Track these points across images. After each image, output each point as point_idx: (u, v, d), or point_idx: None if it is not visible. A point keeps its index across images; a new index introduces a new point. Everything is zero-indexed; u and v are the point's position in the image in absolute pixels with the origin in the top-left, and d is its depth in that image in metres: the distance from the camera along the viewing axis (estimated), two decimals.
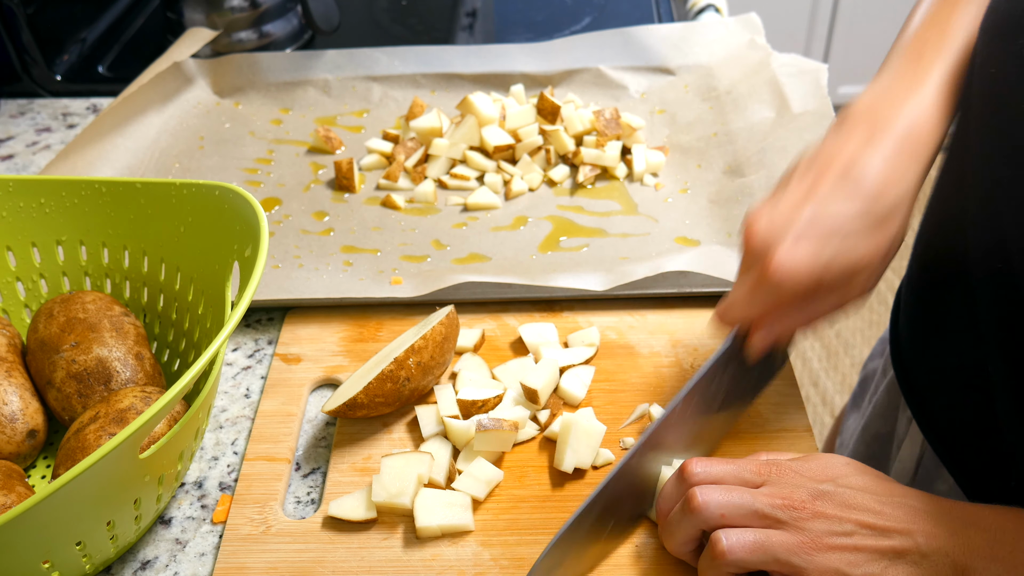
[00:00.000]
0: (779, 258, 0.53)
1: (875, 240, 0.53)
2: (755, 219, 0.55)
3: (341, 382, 0.71)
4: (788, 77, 0.94)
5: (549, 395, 0.66)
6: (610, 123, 0.91)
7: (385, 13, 1.24)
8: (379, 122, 1.00)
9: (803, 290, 0.54)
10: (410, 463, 0.61)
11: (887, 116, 0.55)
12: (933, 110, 0.55)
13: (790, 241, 0.53)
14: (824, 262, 0.53)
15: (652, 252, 0.80)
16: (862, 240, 0.53)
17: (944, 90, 0.56)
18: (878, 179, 0.53)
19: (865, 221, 0.53)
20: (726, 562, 0.50)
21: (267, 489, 0.63)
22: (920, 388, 0.70)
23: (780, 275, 0.53)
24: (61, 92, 1.10)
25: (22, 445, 0.62)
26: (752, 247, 0.55)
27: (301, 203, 0.89)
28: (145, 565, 0.60)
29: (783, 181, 0.57)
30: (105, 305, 0.67)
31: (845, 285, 0.55)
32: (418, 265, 0.80)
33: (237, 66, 1.04)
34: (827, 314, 0.56)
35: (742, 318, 0.57)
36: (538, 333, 0.72)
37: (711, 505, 0.52)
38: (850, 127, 0.56)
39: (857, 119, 0.56)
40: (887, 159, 0.53)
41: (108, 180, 0.68)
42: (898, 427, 0.77)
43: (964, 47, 0.57)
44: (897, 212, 0.54)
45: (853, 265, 0.53)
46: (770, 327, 0.57)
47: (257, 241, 0.59)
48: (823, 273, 0.53)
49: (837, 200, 0.53)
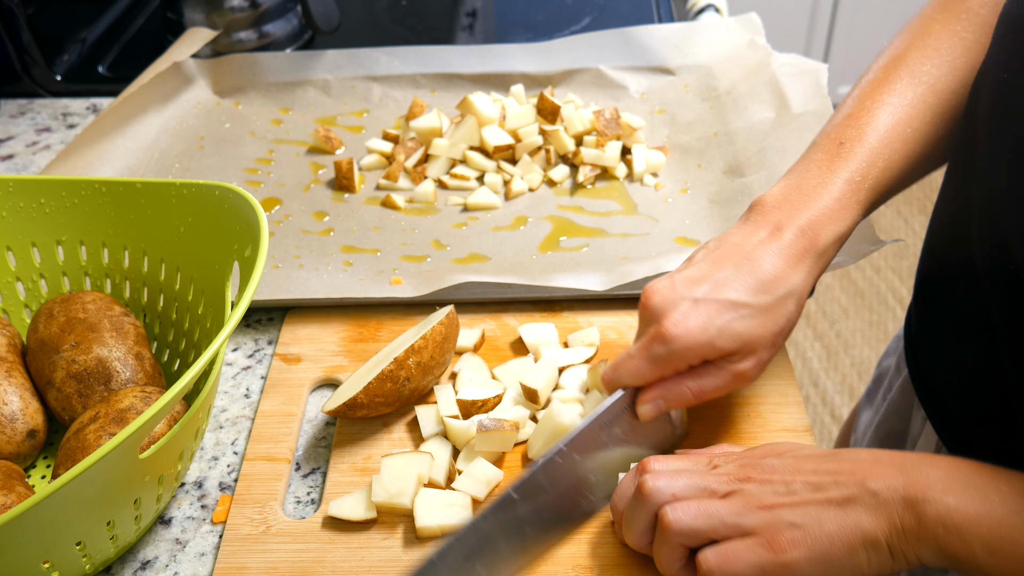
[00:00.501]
0: (675, 317, 0.56)
1: (765, 322, 0.57)
2: (653, 287, 0.58)
3: (341, 382, 0.71)
4: (788, 77, 0.94)
5: (548, 395, 0.66)
6: (610, 123, 0.91)
7: (385, 13, 1.24)
8: (379, 122, 1.00)
9: (694, 354, 0.56)
10: (410, 463, 0.61)
11: (790, 215, 0.59)
12: (834, 213, 0.59)
13: (687, 304, 0.56)
14: (718, 327, 0.56)
15: (652, 252, 0.80)
16: (753, 320, 0.56)
17: (848, 193, 0.60)
18: (771, 271, 0.57)
19: (758, 304, 0.57)
20: (674, 532, 0.51)
21: (267, 489, 0.63)
22: (934, 388, 0.70)
23: (674, 332, 0.56)
24: (61, 92, 1.10)
25: (22, 445, 0.62)
26: (648, 309, 0.58)
27: (301, 203, 0.89)
28: (145, 565, 0.60)
29: (686, 261, 0.60)
30: (105, 305, 0.67)
31: (736, 359, 0.57)
32: (418, 265, 0.80)
33: (237, 66, 1.04)
34: (715, 389, 0.58)
35: (632, 379, 0.58)
36: (538, 333, 0.72)
37: (661, 487, 0.52)
38: (756, 221, 0.60)
39: (764, 215, 0.60)
40: (781, 255, 0.58)
41: (108, 180, 0.68)
42: (912, 425, 0.77)
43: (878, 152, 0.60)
44: (787, 301, 0.58)
45: (745, 338, 0.56)
46: (661, 392, 0.58)
47: (257, 241, 0.59)
48: (716, 337, 0.56)
49: (733, 283, 0.57)
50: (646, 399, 0.59)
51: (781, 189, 0.61)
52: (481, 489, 0.61)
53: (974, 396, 0.64)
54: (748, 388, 0.68)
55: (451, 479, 0.62)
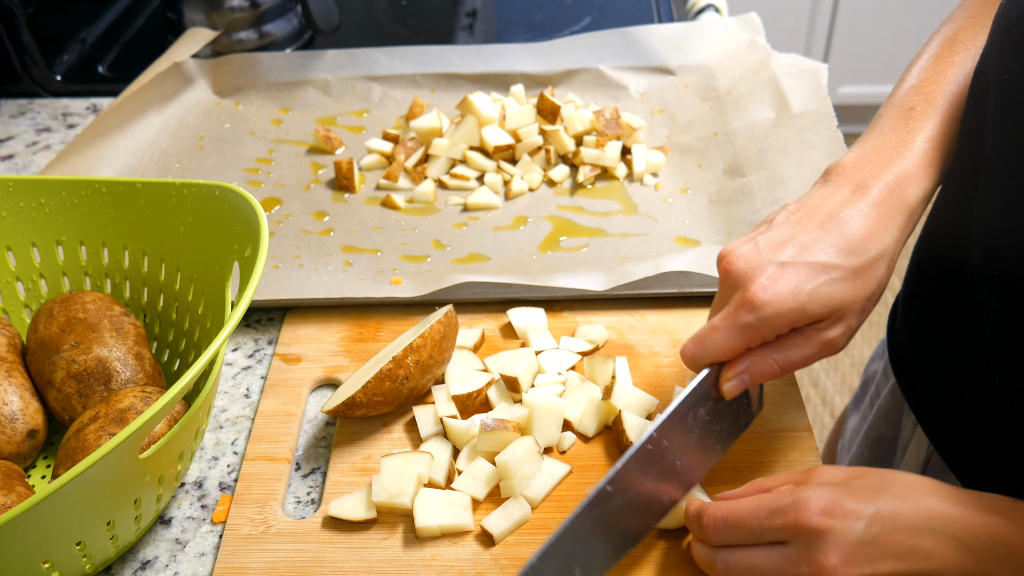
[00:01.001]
0: (762, 282, 0.53)
1: (856, 286, 0.54)
2: (734, 250, 0.55)
3: (341, 382, 0.71)
4: (788, 77, 0.94)
5: (530, 382, 0.67)
6: (610, 123, 0.91)
7: (385, 13, 1.24)
8: (379, 122, 1.00)
9: (784, 320, 0.53)
10: (410, 463, 0.61)
11: (873, 173, 0.56)
12: (918, 169, 0.56)
13: (774, 268, 0.53)
14: (808, 291, 0.52)
15: (652, 252, 0.80)
16: (844, 283, 0.53)
17: (930, 150, 0.57)
18: (861, 231, 0.54)
19: (848, 267, 0.53)
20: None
21: (267, 489, 0.63)
22: (924, 394, 0.69)
23: (763, 297, 0.52)
24: (61, 92, 1.10)
25: (22, 445, 0.62)
26: (732, 275, 0.54)
27: (301, 203, 0.89)
28: (145, 565, 0.60)
29: (763, 222, 0.57)
30: (105, 305, 0.67)
31: (824, 325, 0.54)
32: (418, 265, 0.80)
33: (237, 66, 1.04)
34: (803, 359, 0.55)
35: (717, 352, 0.55)
36: (526, 317, 0.73)
37: None
38: (836, 181, 0.57)
39: (844, 175, 0.57)
40: (870, 214, 0.55)
41: (108, 180, 0.68)
42: (903, 431, 0.77)
43: (951, 106, 0.59)
44: (879, 263, 0.54)
45: (836, 302, 0.53)
46: (748, 366, 0.55)
47: (257, 241, 0.59)
48: (805, 303, 0.52)
49: (821, 244, 0.54)
50: (730, 375, 0.55)
51: (859, 152, 0.58)
52: (481, 489, 0.61)
53: (963, 400, 0.63)
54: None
55: (451, 479, 0.62)
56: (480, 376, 0.68)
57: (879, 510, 0.49)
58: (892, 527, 0.48)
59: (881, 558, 0.48)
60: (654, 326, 0.74)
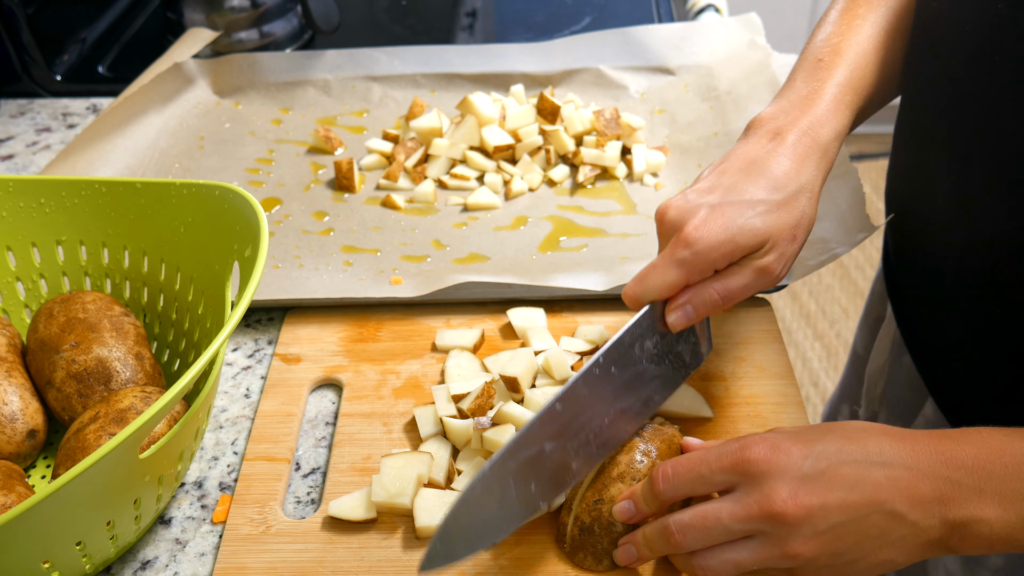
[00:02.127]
0: (695, 222, 0.56)
1: (782, 216, 0.57)
2: (667, 203, 0.59)
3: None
4: None
5: (530, 382, 0.67)
6: (610, 123, 0.91)
7: (385, 13, 1.24)
8: (379, 122, 1.00)
9: (718, 253, 0.56)
10: (410, 463, 0.61)
11: (788, 122, 0.61)
12: (829, 114, 0.62)
13: (705, 210, 0.57)
14: (737, 226, 0.56)
15: (652, 252, 0.80)
16: (770, 215, 0.57)
17: (839, 95, 0.63)
18: (780, 171, 0.59)
19: (772, 200, 0.57)
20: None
21: (267, 489, 0.63)
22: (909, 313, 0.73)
23: (697, 235, 0.55)
24: (61, 92, 1.10)
25: (22, 445, 0.62)
26: (667, 223, 0.58)
27: (301, 203, 0.89)
28: (145, 565, 0.60)
29: (694, 182, 0.61)
30: (105, 305, 0.67)
31: (757, 255, 0.57)
32: (418, 265, 0.80)
33: (237, 66, 1.04)
34: (742, 288, 0.58)
35: (659, 289, 0.57)
36: (526, 317, 0.73)
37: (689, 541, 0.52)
38: (756, 134, 0.62)
39: (762, 126, 0.62)
40: (788, 156, 0.59)
41: (108, 180, 0.68)
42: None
43: (857, 60, 0.65)
44: (800, 196, 0.58)
45: (764, 233, 0.56)
46: (689, 299, 0.58)
47: (257, 241, 0.59)
48: (736, 235, 0.56)
49: (745, 186, 0.58)
50: (674, 306, 0.58)
51: (775, 105, 0.63)
52: None
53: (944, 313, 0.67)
54: (748, 388, 0.68)
55: (451, 479, 0.62)
56: (480, 376, 0.68)
57: (824, 448, 0.50)
58: (838, 461, 0.50)
59: (830, 489, 0.49)
60: None
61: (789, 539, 0.49)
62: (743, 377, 0.69)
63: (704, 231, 0.55)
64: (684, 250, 0.56)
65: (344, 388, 0.70)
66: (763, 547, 0.50)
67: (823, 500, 0.48)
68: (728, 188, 0.58)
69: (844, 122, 0.63)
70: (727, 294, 0.57)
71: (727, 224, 0.56)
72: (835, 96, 0.63)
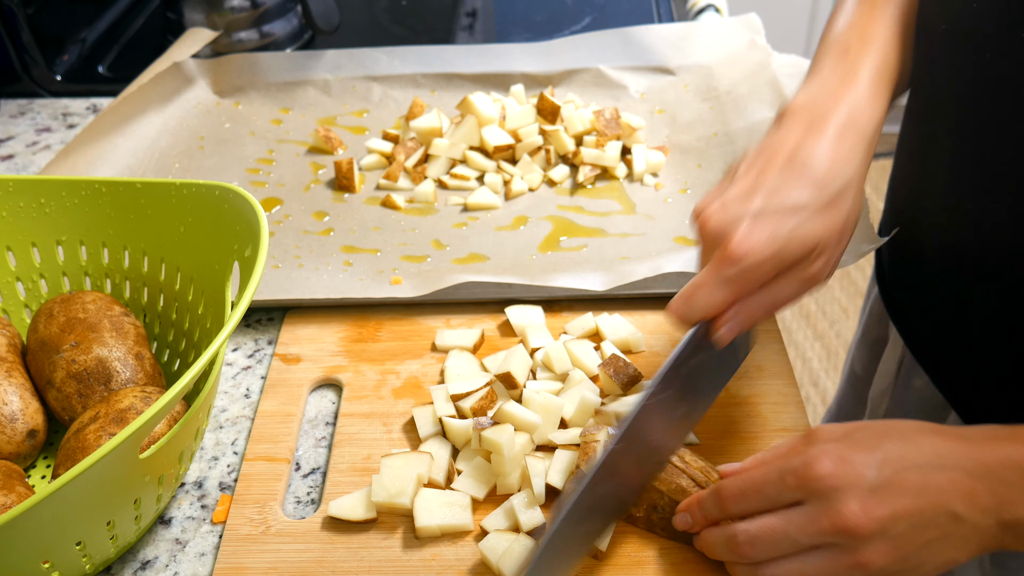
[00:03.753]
0: (740, 236, 0.53)
1: (829, 219, 0.55)
2: (706, 208, 0.56)
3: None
4: (788, 77, 0.94)
5: (526, 376, 0.67)
6: (610, 123, 0.91)
7: (385, 13, 1.24)
8: (379, 122, 1.00)
9: (765, 268, 0.54)
10: (410, 463, 0.61)
11: (825, 108, 0.57)
12: (868, 99, 0.58)
13: (748, 221, 0.53)
14: (784, 237, 0.53)
15: (652, 252, 0.80)
16: (817, 220, 0.54)
17: (875, 80, 0.59)
18: (824, 165, 0.55)
19: (818, 203, 0.54)
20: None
21: (267, 489, 0.63)
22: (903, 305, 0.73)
23: (742, 251, 0.53)
24: (61, 92, 1.10)
25: (22, 445, 0.62)
26: (709, 233, 0.55)
27: (301, 203, 0.89)
28: (145, 565, 0.60)
29: (728, 175, 0.58)
30: (105, 305, 0.67)
31: (805, 264, 0.55)
32: (418, 265, 0.80)
33: (237, 66, 1.04)
34: (790, 298, 0.56)
35: (705, 308, 0.55)
36: (525, 315, 0.73)
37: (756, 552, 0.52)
38: (791, 121, 0.58)
39: (797, 114, 0.58)
40: (831, 145, 0.56)
41: (108, 180, 0.68)
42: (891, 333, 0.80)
43: (884, 47, 0.62)
44: (846, 193, 0.55)
45: (812, 241, 0.54)
46: (736, 315, 0.55)
47: (257, 241, 0.59)
48: (784, 247, 0.53)
49: (787, 185, 0.54)
50: (721, 323, 0.56)
51: (806, 93, 0.59)
52: (480, 489, 0.61)
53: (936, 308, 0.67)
54: (748, 388, 0.68)
55: (451, 479, 0.62)
56: (479, 376, 0.68)
57: (886, 455, 0.50)
58: (901, 467, 0.49)
59: (898, 498, 0.48)
60: (653, 326, 0.74)
61: (860, 550, 0.49)
62: (743, 377, 0.69)
63: (750, 245, 0.53)
64: (730, 268, 0.53)
65: (344, 388, 0.70)
66: (833, 558, 0.50)
67: (893, 510, 0.48)
68: (770, 191, 0.54)
69: (883, 108, 0.59)
70: (775, 306, 0.56)
71: (773, 235, 0.53)
72: (871, 81, 0.59)
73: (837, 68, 0.60)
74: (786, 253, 0.53)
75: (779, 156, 0.56)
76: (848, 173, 0.55)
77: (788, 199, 0.54)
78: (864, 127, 0.57)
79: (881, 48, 0.61)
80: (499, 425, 0.61)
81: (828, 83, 0.59)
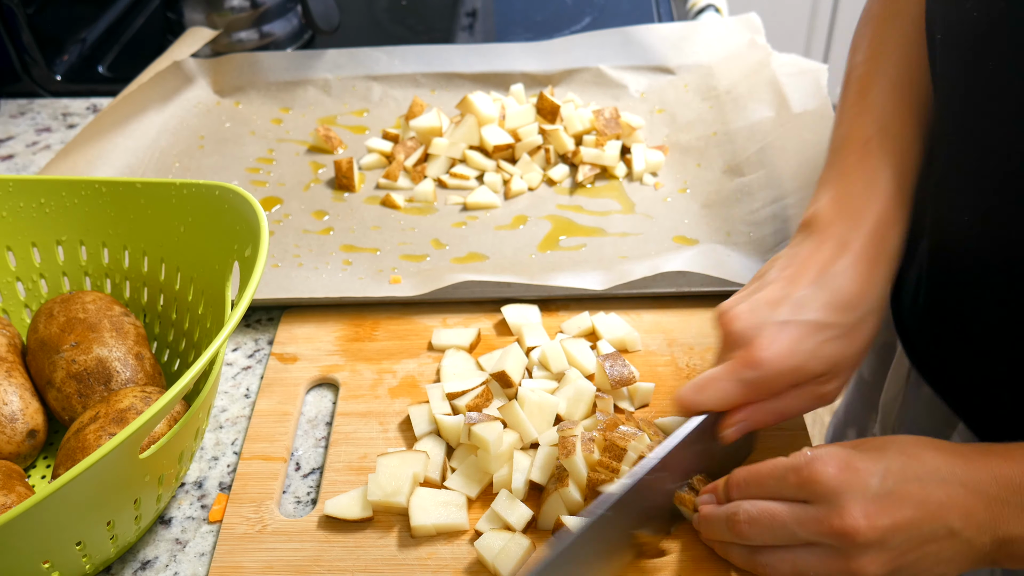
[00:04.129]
0: (764, 342, 0.54)
1: (851, 344, 0.56)
2: (733, 311, 0.57)
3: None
4: (788, 77, 0.94)
5: (521, 375, 0.67)
6: (610, 122, 0.91)
7: (385, 13, 1.24)
8: (379, 121, 1.00)
9: (785, 379, 0.55)
10: (406, 462, 0.61)
11: (853, 226, 0.58)
12: (892, 212, 0.59)
13: (773, 328, 0.55)
14: (806, 352, 0.55)
15: (651, 251, 0.80)
16: (839, 341, 0.56)
17: (898, 190, 0.60)
18: (851, 288, 0.56)
19: (843, 324, 0.56)
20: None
21: (263, 488, 0.63)
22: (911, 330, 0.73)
23: (764, 356, 0.54)
24: (61, 92, 1.10)
25: (22, 445, 0.62)
26: (733, 332, 0.56)
27: (301, 202, 0.89)
28: (145, 565, 0.60)
29: (756, 278, 0.59)
30: (105, 305, 0.67)
31: (820, 381, 0.57)
32: (417, 264, 0.80)
33: (237, 66, 1.05)
34: (798, 411, 0.57)
35: (717, 403, 0.57)
36: (521, 314, 0.74)
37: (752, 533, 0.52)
38: (819, 236, 0.59)
39: (825, 229, 0.59)
40: (857, 268, 0.57)
41: (108, 180, 0.68)
42: None
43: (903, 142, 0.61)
44: (869, 318, 0.57)
45: (832, 361, 0.56)
46: (746, 417, 0.57)
47: (257, 241, 0.59)
48: (804, 363, 0.55)
49: (814, 302, 0.56)
50: (730, 423, 0.57)
51: (831, 201, 0.60)
52: (473, 487, 0.61)
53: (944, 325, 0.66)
54: None
55: (445, 477, 0.62)
56: (475, 375, 0.68)
57: (888, 465, 0.50)
58: (903, 478, 0.50)
59: (899, 508, 0.49)
60: (650, 325, 0.74)
61: (857, 556, 0.49)
62: None
63: (772, 354, 0.54)
64: (750, 372, 0.55)
65: (340, 387, 0.70)
66: (827, 559, 0.50)
67: (894, 520, 0.49)
68: (798, 304, 0.56)
69: (906, 220, 0.60)
70: (782, 416, 0.57)
71: (795, 349, 0.54)
72: (895, 190, 0.60)
73: (858, 170, 0.61)
74: (806, 368, 0.55)
75: (809, 270, 0.57)
76: (872, 299, 0.57)
77: (814, 315, 0.55)
78: (889, 247, 0.59)
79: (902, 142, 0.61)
80: (488, 422, 0.61)
81: (852, 190, 0.60)
